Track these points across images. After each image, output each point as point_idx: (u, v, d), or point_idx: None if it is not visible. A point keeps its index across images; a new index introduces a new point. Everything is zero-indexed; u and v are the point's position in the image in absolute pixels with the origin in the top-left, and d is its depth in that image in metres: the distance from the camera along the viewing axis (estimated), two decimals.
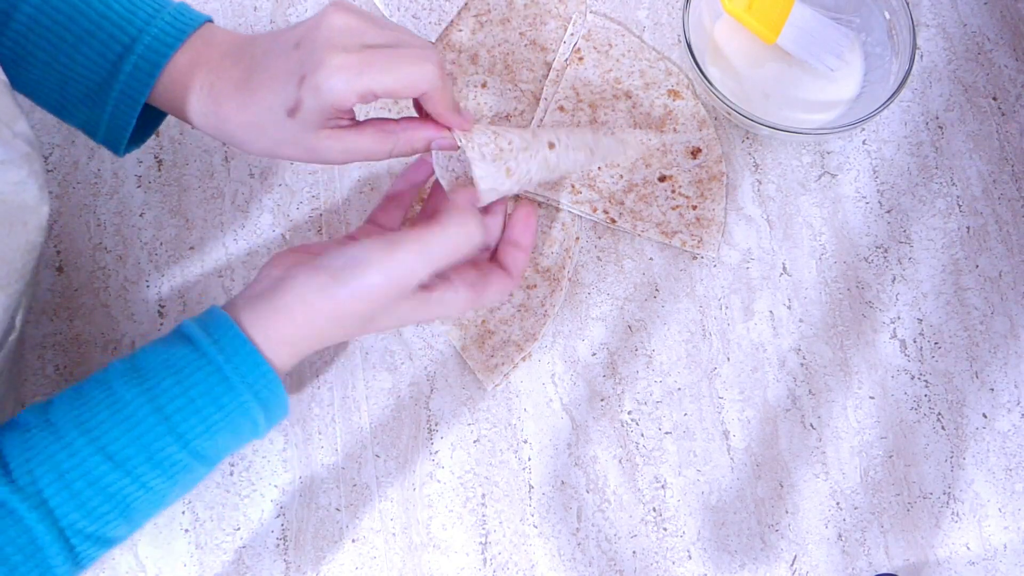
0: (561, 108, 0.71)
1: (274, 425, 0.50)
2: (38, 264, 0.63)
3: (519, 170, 0.53)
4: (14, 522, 0.43)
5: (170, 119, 0.70)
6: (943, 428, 0.66)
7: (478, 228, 0.50)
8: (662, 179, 0.70)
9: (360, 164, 0.70)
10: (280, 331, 0.48)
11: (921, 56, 0.75)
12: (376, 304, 0.48)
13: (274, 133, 0.49)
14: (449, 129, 0.52)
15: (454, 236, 0.49)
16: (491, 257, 0.56)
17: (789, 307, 0.68)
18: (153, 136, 0.69)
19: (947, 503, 0.64)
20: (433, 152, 0.54)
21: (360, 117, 0.52)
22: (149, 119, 0.55)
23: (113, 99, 0.52)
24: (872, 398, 0.66)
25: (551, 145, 0.55)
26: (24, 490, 0.43)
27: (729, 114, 0.69)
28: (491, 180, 0.52)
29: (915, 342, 0.68)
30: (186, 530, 0.61)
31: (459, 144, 0.52)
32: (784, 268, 0.69)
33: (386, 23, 0.50)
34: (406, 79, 0.47)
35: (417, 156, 0.59)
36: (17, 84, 0.52)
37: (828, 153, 0.72)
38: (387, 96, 0.48)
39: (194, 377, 0.46)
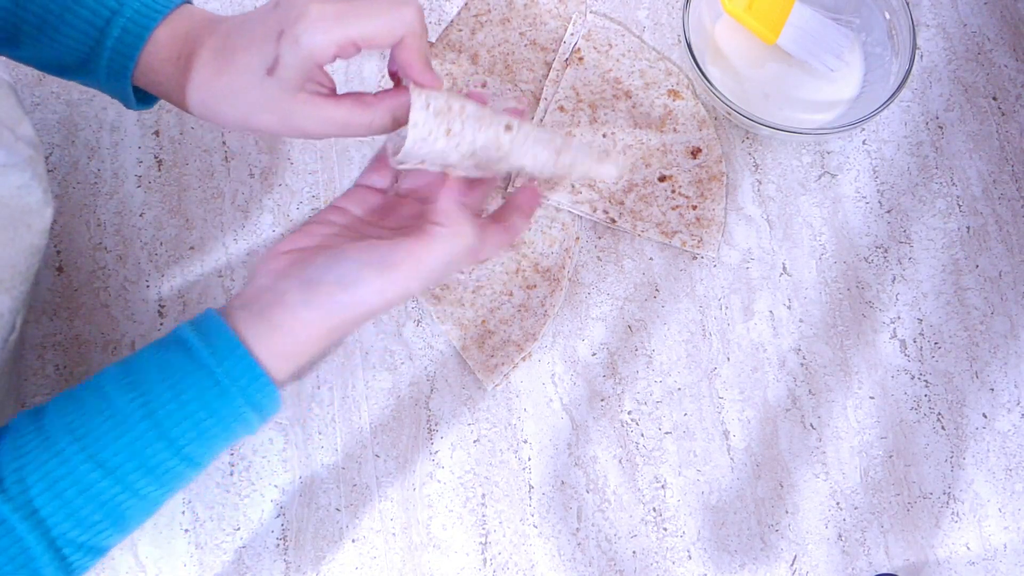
0: (561, 108, 0.71)
1: (264, 425, 0.49)
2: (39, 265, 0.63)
3: (462, 135, 0.48)
4: (5, 531, 0.42)
5: (169, 121, 0.70)
6: (943, 428, 0.66)
7: (472, 233, 0.48)
8: (662, 179, 0.70)
9: (359, 164, 0.70)
10: (278, 347, 0.47)
11: (921, 56, 0.75)
12: (372, 313, 0.47)
13: (250, 96, 0.48)
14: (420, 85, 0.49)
15: (449, 247, 0.47)
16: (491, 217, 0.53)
17: (789, 307, 0.68)
18: (153, 136, 0.70)
19: (947, 503, 0.64)
20: (388, 146, 0.51)
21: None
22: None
23: (102, 73, 0.52)
24: (872, 398, 0.66)
25: (508, 128, 0.50)
26: (15, 499, 0.42)
27: (729, 114, 0.69)
28: (424, 130, 0.47)
29: (915, 342, 0.68)
30: (186, 530, 0.61)
31: (411, 96, 0.48)
32: (784, 268, 0.69)
33: None
34: (386, 24, 0.46)
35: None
36: (15, 56, 0.53)
37: (828, 153, 0.72)
38: (367, 45, 0.46)
39: (186, 382, 0.45)
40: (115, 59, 0.51)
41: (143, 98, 0.54)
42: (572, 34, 0.74)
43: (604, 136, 0.70)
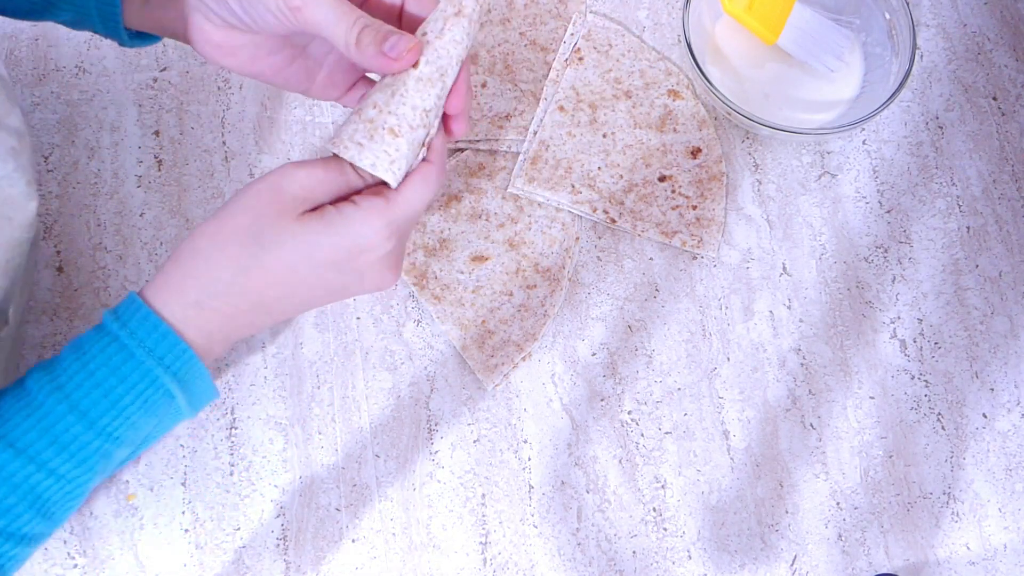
0: (561, 108, 0.71)
1: (202, 403, 0.46)
2: (35, 263, 0.62)
3: (403, 116, 0.45)
4: None
5: (169, 121, 0.70)
6: (943, 428, 0.66)
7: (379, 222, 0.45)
8: (662, 179, 0.70)
9: None
10: (190, 296, 0.44)
11: (921, 56, 0.75)
12: (264, 230, 0.43)
13: None
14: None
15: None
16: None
17: (789, 307, 0.68)
18: (153, 136, 0.70)
19: (947, 503, 0.64)
20: None
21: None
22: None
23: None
24: (872, 398, 0.66)
25: (415, 65, 0.46)
26: None
27: (729, 114, 0.69)
28: (384, 158, 0.45)
29: (915, 342, 0.68)
30: (186, 530, 0.61)
31: (333, 151, 0.46)
32: (784, 268, 0.69)
33: None
34: None
35: None
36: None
37: (828, 153, 0.72)
38: None
39: (92, 351, 0.43)
40: None
41: (136, 35, 0.50)
42: (572, 34, 0.74)
43: (604, 136, 0.71)
